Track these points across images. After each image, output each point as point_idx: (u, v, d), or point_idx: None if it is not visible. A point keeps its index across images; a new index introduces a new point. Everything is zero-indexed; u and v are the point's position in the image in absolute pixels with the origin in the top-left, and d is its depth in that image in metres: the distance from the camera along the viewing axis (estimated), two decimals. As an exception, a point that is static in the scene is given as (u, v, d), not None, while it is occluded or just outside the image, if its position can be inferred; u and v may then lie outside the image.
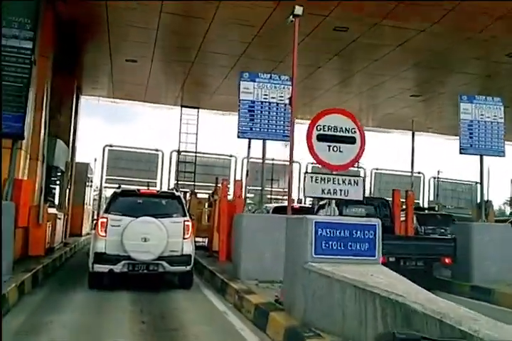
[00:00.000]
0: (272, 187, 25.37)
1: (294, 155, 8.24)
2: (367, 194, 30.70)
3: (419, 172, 33.09)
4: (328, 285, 4.78)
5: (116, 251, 8.17)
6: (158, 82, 18.00)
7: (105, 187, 26.89)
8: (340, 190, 5.70)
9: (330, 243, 5.22)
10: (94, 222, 8.97)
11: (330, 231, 5.23)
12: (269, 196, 26.23)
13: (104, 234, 8.50)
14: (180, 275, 8.81)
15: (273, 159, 27.93)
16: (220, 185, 13.48)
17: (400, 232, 12.16)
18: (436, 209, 23.79)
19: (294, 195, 30.28)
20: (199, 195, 17.25)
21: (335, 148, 5.74)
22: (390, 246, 8.67)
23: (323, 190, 5.64)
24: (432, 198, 32.51)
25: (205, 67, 15.89)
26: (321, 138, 5.71)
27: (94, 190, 29.46)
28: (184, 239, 8.73)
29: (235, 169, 29.69)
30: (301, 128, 8.73)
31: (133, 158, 28.38)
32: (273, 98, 8.74)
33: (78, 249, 15.78)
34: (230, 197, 13.06)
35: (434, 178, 33.37)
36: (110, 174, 27.20)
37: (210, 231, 13.12)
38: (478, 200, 31.64)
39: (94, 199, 28.68)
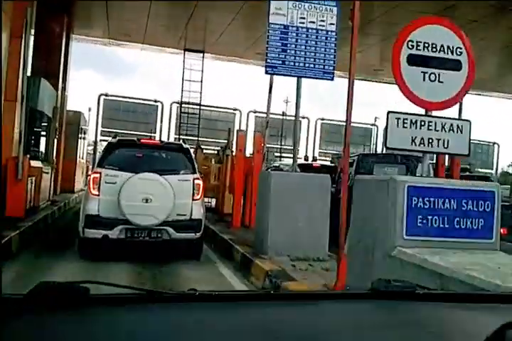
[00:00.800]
0: (281, 145, 23.59)
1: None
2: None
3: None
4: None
5: (112, 213, 6.76)
6: (159, 21, 15.80)
7: (101, 140, 24.99)
8: (438, 140, 3.85)
9: (429, 219, 3.44)
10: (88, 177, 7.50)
11: (430, 202, 3.44)
12: (277, 154, 24.50)
13: (97, 193, 6.94)
14: (188, 244, 7.21)
15: (283, 113, 26.22)
16: (233, 138, 11.62)
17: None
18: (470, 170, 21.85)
19: (301, 152, 28.89)
20: (205, 151, 15.43)
21: (432, 76, 3.84)
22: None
23: (413, 140, 3.79)
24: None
25: (212, 3, 13.79)
26: (413, 60, 3.80)
27: (89, 144, 27.64)
28: (194, 200, 7.18)
29: (240, 124, 27.91)
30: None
31: (130, 109, 26.47)
32: (312, 23, 6.69)
33: (69, 208, 14.06)
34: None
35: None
36: (106, 126, 25.33)
37: (220, 191, 11.37)
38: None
39: (89, 154, 26.80)
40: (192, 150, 7.94)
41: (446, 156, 10.56)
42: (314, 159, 19.01)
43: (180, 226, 6.93)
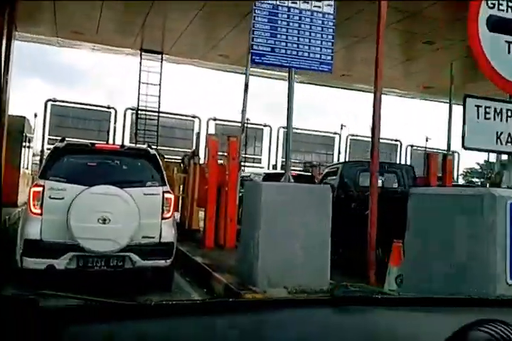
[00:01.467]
0: (245, 153, 22.27)
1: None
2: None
3: (396, 140, 31.11)
4: None
5: (59, 237, 5.49)
6: (113, 17, 14.38)
7: (48, 149, 22.98)
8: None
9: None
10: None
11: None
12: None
13: (39, 211, 5.60)
14: (156, 273, 5.86)
15: (247, 121, 25.07)
16: (197, 143, 10.32)
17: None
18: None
19: (264, 161, 27.86)
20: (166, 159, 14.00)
21: (520, 49, 2.75)
22: None
23: (499, 136, 2.65)
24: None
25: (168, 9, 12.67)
26: (497, 25, 2.70)
27: (35, 154, 25.58)
28: (163, 219, 5.95)
29: (199, 132, 26.56)
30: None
31: (80, 115, 24.65)
32: (306, 3, 5.55)
33: (10, 224, 12.27)
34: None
35: (412, 147, 31.35)
36: (54, 134, 23.35)
37: (187, 205, 10.03)
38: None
39: (35, 164, 24.69)
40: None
41: None
42: (274, 167, 17.87)
43: (147, 251, 5.67)
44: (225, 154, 8.42)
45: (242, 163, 22.92)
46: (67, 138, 6.66)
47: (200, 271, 6.51)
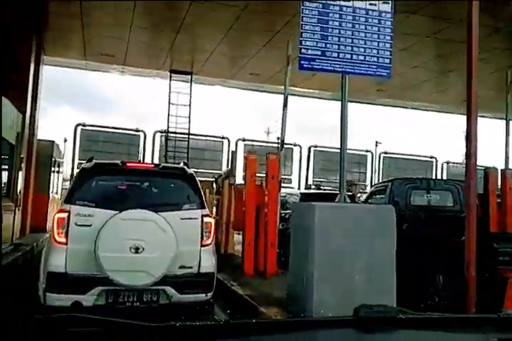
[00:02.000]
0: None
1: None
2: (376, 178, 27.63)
3: (431, 157, 30.13)
4: None
5: (86, 269, 4.91)
6: (142, 39, 14.14)
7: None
8: None
9: None
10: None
11: None
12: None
13: (63, 240, 5.01)
14: (194, 308, 5.11)
15: (278, 138, 24.55)
16: (232, 162, 9.70)
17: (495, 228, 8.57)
18: None
19: (294, 181, 27.12)
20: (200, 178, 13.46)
21: None
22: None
23: None
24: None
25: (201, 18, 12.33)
26: None
27: (65, 179, 25.57)
28: (203, 246, 5.30)
29: (234, 151, 26.13)
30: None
31: (110, 139, 24.55)
32: (360, 0, 4.95)
33: (38, 251, 11.82)
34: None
35: (448, 163, 30.22)
36: (83, 158, 23.25)
37: (221, 228, 9.38)
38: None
39: (65, 189, 24.53)
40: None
41: None
42: (318, 187, 17.15)
43: (185, 284, 5.03)
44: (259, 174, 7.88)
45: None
46: (96, 160, 5.93)
47: (243, 304, 5.80)
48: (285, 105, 7.60)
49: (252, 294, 5.98)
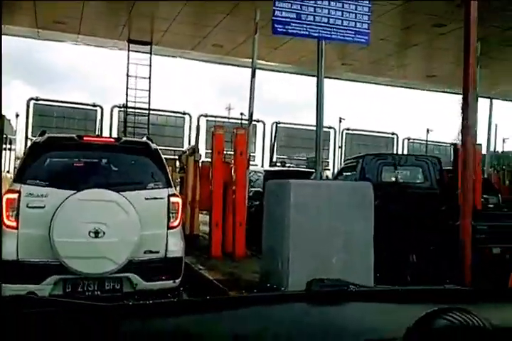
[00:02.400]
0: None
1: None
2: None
3: (392, 133, 30.35)
4: None
5: (41, 255, 4.49)
6: (97, 10, 13.25)
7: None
8: None
9: None
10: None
11: None
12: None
13: (13, 224, 4.53)
14: (161, 296, 4.75)
15: (242, 116, 24.04)
16: (196, 139, 9.25)
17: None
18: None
19: (258, 158, 26.83)
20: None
21: None
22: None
23: None
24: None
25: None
26: None
27: (18, 158, 24.40)
28: (170, 228, 4.92)
29: (190, 128, 25.46)
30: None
31: (65, 114, 23.50)
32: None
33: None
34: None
35: (408, 140, 30.52)
36: (36, 134, 22.20)
37: (188, 208, 8.97)
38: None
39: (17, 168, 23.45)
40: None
41: None
42: (283, 164, 16.88)
43: (151, 270, 4.67)
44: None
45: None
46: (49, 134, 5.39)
47: (212, 289, 5.47)
48: (253, 76, 7.19)
49: (222, 278, 5.67)
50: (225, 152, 7.41)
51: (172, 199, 4.95)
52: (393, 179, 8.06)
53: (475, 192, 8.48)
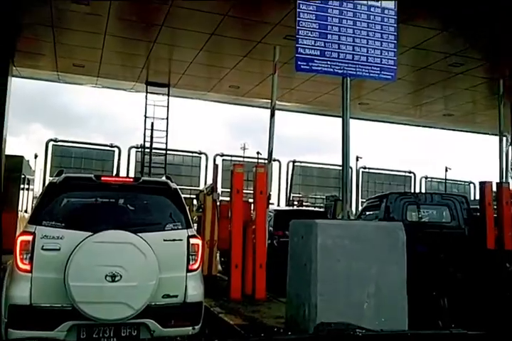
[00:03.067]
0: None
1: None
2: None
3: (410, 172, 30.06)
4: None
5: (54, 301, 4.28)
6: (116, 53, 13.58)
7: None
8: None
9: None
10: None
11: None
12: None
13: (27, 267, 4.39)
14: None
15: (259, 155, 24.03)
16: (214, 177, 9.12)
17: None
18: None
19: (274, 197, 26.57)
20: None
21: None
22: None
23: None
24: (423, 200, 29.14)
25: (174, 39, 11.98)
26: None
27: (36, 197, 24.48)
28: (189, 271, 4.72)
29: (206, 168, 25.49)
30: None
31: (83, 155, 23.72)
32: (361, -5, 4.49)
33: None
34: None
35: (426, 178, 30.16)
36: (55, 175, 22.34)
37: (207, 248, 8.72)
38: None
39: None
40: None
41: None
42: (300, 203, 16.61)
43: (169, 316, 4.45)
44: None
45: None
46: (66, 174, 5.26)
47: (232, 335, 5.16)
48: (272, 115, 7.10)
49: (242, 323, 5.36)
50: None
51: (192, 240, 4.77)
52: (419, 218, 7.79)
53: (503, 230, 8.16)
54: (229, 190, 16.10)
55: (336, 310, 4.01)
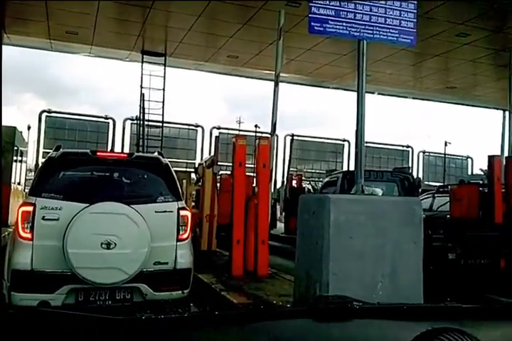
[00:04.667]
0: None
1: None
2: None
3: (407, 146, 29.86)
4: None
5: (54, 266, 4.65)
6: (111, 20, 13.03)
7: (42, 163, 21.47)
8: None
9: None
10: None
11: None
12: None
13: (29, 236, 4.70)
14: (171, 306, 4.77)
15: (256, 126, 23.65)
16: (216, 149, 8.81)
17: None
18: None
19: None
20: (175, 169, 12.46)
21: None
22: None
23: None
24: (420, 175, 29.07)
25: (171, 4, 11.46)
26: None
27: (30, 170, 24.15)
28: (179, 241, 5.06)
29: (202, 141, 25.13)
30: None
31: (77, 127, 23.27)
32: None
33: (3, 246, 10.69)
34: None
35: (424, 153, 29.96)
36: (48, 147, 21.86)
37: (205, 222, 8.49)
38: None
39: (29, 180, 23.09)
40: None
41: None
42: (300, 178, 16.36)
43: (161, 281, 4.82)
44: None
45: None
46: (63, 149, 5.54)
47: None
48: (276, 84, 6.75)
49: (247, 301, 5.17)
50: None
51: (181, 212, 5.07)
52: (371, 193, 8.07)
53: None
54: (225, 163, 16.06)
55: (349, 289, 3.77)
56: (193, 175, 11.33)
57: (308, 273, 4.04)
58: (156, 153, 6.20)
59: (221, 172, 9.03)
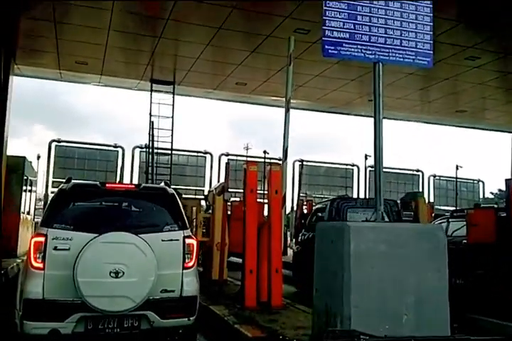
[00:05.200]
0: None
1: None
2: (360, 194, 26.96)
3: (417, 170, 29.64)
4: None
5: (64, 295, 4.77)
6: (120, 49, 13.17)
7: (52, 192, 21.41)
8: None
9: None
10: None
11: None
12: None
13: (40, 265, 4.85)
14: (177, 333, 5.00)
15: (265, 152, 23.55)
16: (226, 175, 8.67)
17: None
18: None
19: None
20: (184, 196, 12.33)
21: None
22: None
23: None
24: (431, 199, 28.71)
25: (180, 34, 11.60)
26: None
27: (40, 199, 24.12)
28: (185, 269, 5.20)
29: (211, 168, 25.06)
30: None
31: (86, 156, 23.29)
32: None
33: (8, 279, 10.53)
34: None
35: (434, 177, 29.68)
36: (58, 176, 21.87)
37: (215, 251, 8.29)
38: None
39: (38, 209, 23.00)
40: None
41: None
42: (311, 204, 16.12)
43: (167, 308, 4.93)
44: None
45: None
46: (74, 180, 5.76)
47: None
48: (287, 110, 6.65)
49: (261, 335, 4.92)
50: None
51: (187, 240, 5.23)
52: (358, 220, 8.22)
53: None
54: (235, 190, 15.89)
55: (372, 323, 3.56)
56: (202, 202, 11.20)
57: (327, 306, 3.83)
58: (162, 183, 6.41)
59: (232, 199, 8.87)
